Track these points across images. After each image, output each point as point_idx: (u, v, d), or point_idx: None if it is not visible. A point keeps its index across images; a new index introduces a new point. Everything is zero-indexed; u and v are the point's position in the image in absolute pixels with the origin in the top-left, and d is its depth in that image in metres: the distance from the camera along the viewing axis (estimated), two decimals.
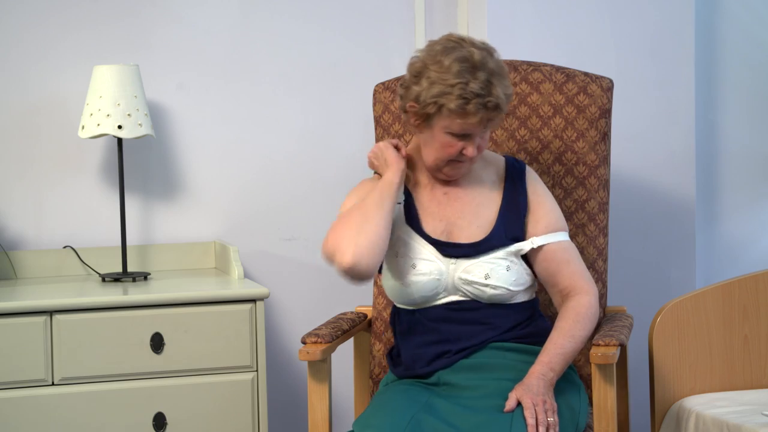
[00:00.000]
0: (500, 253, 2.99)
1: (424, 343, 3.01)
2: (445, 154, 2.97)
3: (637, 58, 3.91)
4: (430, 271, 2.97)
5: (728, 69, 4.10)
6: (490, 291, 2.96)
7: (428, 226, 3.02)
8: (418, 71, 2.95)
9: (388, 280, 3.04)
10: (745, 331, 3.49)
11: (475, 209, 3.03)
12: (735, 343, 3.48)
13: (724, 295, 3.48)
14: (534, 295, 3.08)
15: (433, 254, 2.98)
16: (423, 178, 3.08)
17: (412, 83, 2.95)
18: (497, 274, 2.97)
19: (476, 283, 2.96)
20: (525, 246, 3.00)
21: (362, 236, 2.90)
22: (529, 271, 3.03)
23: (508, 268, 2.99)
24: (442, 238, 3.00)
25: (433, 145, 2.97)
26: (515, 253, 3.00)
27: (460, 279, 2.96)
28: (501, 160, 3.12)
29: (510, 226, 3.01)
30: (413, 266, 2.98)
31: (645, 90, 3.92)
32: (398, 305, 3.07)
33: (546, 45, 3.83)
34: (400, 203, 3.05)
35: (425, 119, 2.95)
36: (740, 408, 3.28)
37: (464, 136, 2.93)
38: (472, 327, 2.98)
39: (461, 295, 2.99)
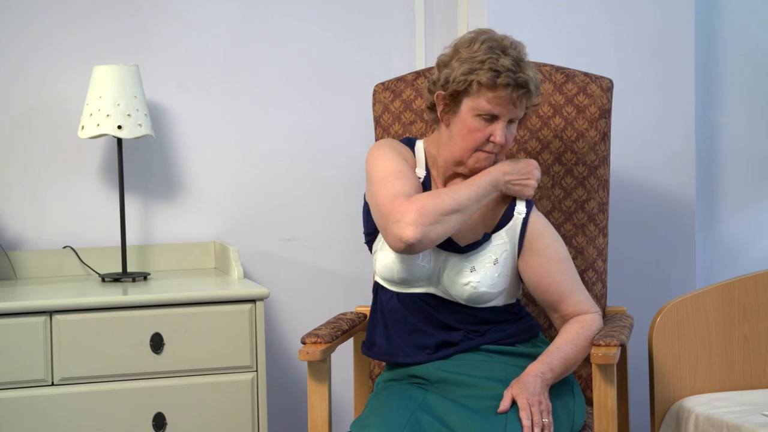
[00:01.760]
0: (496, 241, 2.99)
1: (402, 332, 3.01)
2: (472, 140, 2.96)
3: (637, 58, 3.91)
4: (422, 256, 2.97)
5: (728, 69, 4.10)
6: (468, 290, 2.96)
7: None
8: (447, 60, 2.99)
9: (383, 249, 3.03)
10: (745, 331, 3.49)
11: (473, 219, 3.03)
12: (735, 343, 3.48)
13: (724, 295, 3.48)
14: (515, 299, 3.08)
15: None
16: (435, 175, 3.08)
17: (441, 71, 2.99)
18: (483, 267, 2.96)
19: (460, 281, 2.96)
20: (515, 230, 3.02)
21: (441, 226, 2.88)
22: (515, 275, 3.03)
23: (495, 262, 2.98)
24: None
25: (460, 133, 2.97)
26: (510, 249, 3.00)
27: (446, 274, 2.96)
28: None
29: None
30: None
31: (645, 90, 3.92)
32: (380, 279, 3.06)
33: (546, 45, 3.83)
34: (420, 178, 3.05)
35: (453, 104, 2.96)
36: (740, 408, 3.28)
37: (492, 119, 2.94)
38: (448, 325, 2.99)
39: (441, 292, 2.99)
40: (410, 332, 3.01)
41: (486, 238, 2.99)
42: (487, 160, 3.00)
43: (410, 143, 3.12)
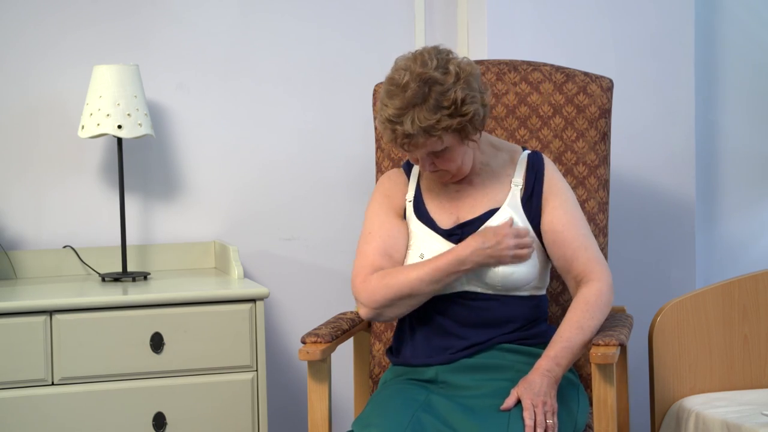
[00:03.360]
0: (502, 216, 3.01)
1: (429, 334, 3.01)
2: (411, 161, 3.04)
3: (637, 58, 3.91)
4: None
5: (728, 69, 4.10)
6: (501, 271, 2.96)
7: (440, 221, 3.04)
8: None
9: None
10: (744, 331, 3.49)
11: (487, 204, 3.04)
12: (735, 343, 3.48)
13: (724, 295, 3.48)
14: (544, 292, 3.08)
15: (440, 243, 2.99)
16: (429, 187, 3.10)
17: None
18: None
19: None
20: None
21: (396, 309, 2.99)
22: (539, 248, 3.04)
23: (513, 223, 3.00)
24: (453, 230, 3.03)
25: None
26: (520, 221, 3.02)
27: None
28: (516, 152, 3.12)
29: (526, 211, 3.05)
30: (421, 256, 2.99)
31: (645, 90, 3.92)
32: None
33: (546, 45, 3.83)
34: (410, 201, 3.07)
35: None
36: (740, 408, 3.28)
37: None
38: (478, 323, 2.99)
39: (474, 285, 2.99)
40: (440, 335, 3.01)
41: (491, 213, 3.01)
42: (445, 175, 3.04)
43: (409, 165, 3.17)
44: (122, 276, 3.62)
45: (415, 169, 3.14)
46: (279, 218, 3.93)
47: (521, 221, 3.02)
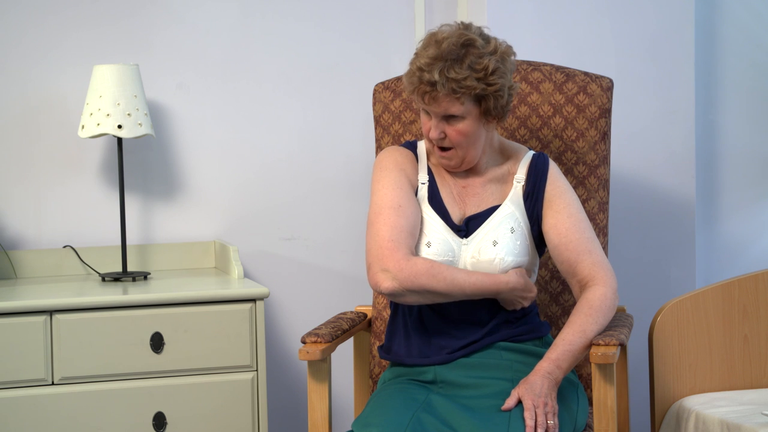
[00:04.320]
0: (504, 212, 3.01)
1: (422, 332, 3.01)
2: (425, 131, 3.02)
3: (637, 58, 3.92)
4: (444, 252, 2.98)
5: (728, 69, 4.10)
6: (498, 264, 2.97)
7: (452, 213, 3.04)
8: None
9: None
10: (745, 330, 3.49)
11: (491, 201, 3.06)
12: (735, 343, 3.49)
13: (724, 294, 3.48)
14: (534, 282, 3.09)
15: (449, 235, 2.99)
16: (439, 173, 3.10)
17: None
18: (503, 239, 2.99)
19: (486, 260, 2.97)
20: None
21: (421, 298, 2.95)
22: (533, 246, 3.05)
23: (512, 230, 3.00)
24: (461, 226, 3.03)
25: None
26: (521, 217, 3.02)
27: (473, 258, 2.98)
28: (522, 153, 3.12)
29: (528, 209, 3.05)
30: (428, 245, 2.99)
31: (645, 90, 3.92)
32: None
33: (546, 45, 3.84)
34: (423, 184, 3.06)
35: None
36: (740, 408, 3.28)
37: (429, 115, 2.98)
38: (468, 317, 2.99)
39: None
40: (436, 333, 3.01)
41: (494, 209, 3.02)
42: (444, 158, 3.04)
43: (413, 146, 3.14)
44: (122, 276, 3.62)
45: (422, 152, 3.13)
46: (279, 218, 3.93)
47: (521, 216, 3.03)
